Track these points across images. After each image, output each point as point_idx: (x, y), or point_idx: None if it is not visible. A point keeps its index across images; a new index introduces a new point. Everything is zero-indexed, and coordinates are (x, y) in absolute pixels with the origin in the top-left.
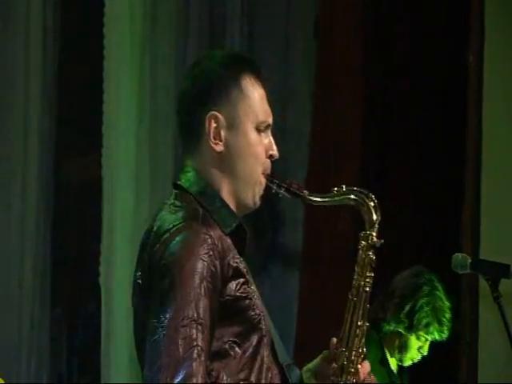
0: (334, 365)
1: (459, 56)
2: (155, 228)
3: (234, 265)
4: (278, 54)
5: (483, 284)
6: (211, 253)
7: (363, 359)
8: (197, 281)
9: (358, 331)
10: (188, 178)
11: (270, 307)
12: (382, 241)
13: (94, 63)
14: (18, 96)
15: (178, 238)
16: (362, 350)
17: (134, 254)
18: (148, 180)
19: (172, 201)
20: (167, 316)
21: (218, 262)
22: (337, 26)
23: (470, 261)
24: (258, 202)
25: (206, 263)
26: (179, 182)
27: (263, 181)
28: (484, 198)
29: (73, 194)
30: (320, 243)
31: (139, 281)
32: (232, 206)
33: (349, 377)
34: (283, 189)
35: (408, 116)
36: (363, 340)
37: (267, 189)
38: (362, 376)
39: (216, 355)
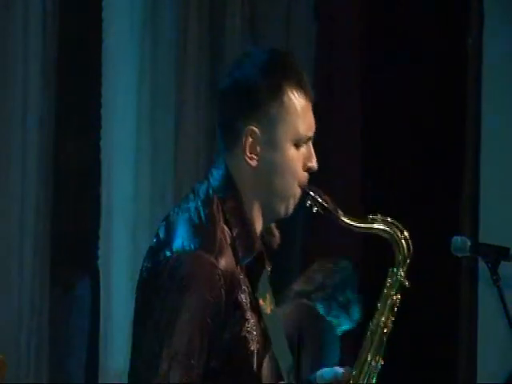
0: None
1: (458, 39)
2: (173, 230)
3: (239, 301)
4: (279, 36)
5: (482, 267)
6: (218, 290)
7: None
8: (197, 318)
9: (371, 368)
10: (219, 178)
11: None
12: (409, 284)
13: (92, 47)
14: (16, 79)
15: (188, 267)
16: None
17: (133, 239)
18: (148, 164)
19: (199, 204)
20: (162, 346)
21: (223, 300)
22: (337, 8)
23: (469, 244)
24: (290, 212)
25: (210, 301)
26: (210, 179)
27: (298, 193)
28: (483, 182)
29: (72, 178)
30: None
31: (145, 272)
32: (259, 216)
33: None
34: (318, 204)
35: (408, 100)
36: (375, 377)
37: (302, 200)
38: None
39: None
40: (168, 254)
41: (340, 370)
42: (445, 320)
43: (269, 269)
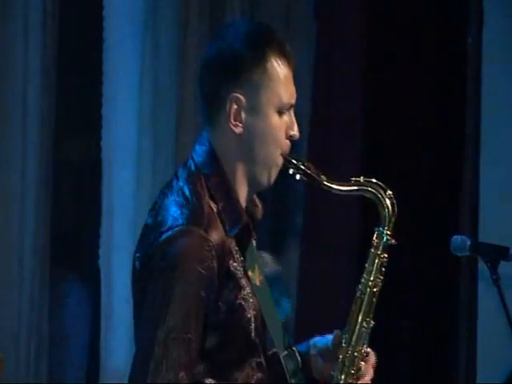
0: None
1: (458, 38)
2: (160, 215)
3: (232, 270)
4: (279, 32)
5: (482, 267)
6: (209, 262)
7: (366, 355)
8: (191, 292)
9: (362, 330)
10: (202, 154)
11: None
12: (395, 242)
13: (93, 46)
14: (16, 76)
15: (177, 244)
16: (365, 350)
17: (134, 238)
18: (149, 162)
19: (183, 184)
20: (157, 326)
21: (215, 272)
22: (337, 8)
23: (469, 243)
24: (273, 182)
25: (202, 273)
26: (194, 156)
27: (281, 162)
28: (483, 181)
29: (72, 176)
30: (321, 226)
31: (137, 262)
32: (244, 187)
33: (348, 378)
34: (301, 171)
35: (407, 100)
36: (367, 339)
37: (284, 169)
38: (364, 372)
39: (202, 359)
40: (157, 235)
41: (331, 336)
42: (444, 319)
43: (254, 241)
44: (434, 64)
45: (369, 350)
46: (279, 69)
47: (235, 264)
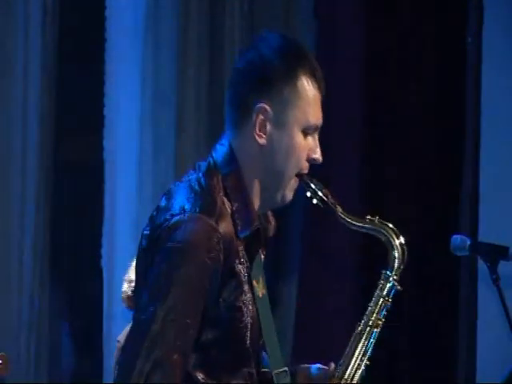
0: None
1: (458, 37)
2: (173, 198)
3: (236, 270)
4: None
5: (482, 266)
6: (216, 254)
7: None
8: (194, 278)
9: (356, 366)
10: (223, 154)
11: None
12: (401, 288)
13: (95, 45)
14: (17, 76)
15: (188, 228)
16: None
17: (137, 237)
18: (150, 162)
19: (200, 175)
20: (157, 304)
21: (220, 264)
22: (336, 7)
23: (469, 243)
24: (288, 201)
25: (208, 263)
26: (214, 154)
27: (295, 183)
28: (483, 181)
29: (74, 176)
30: (320, 230)
31: (144, 240)
32: (257, 198)
33: None
34: (318, 197)
35: (407, 99)
36: (360, 375)
37: (302, 191)
38: None
39: (194, 350)
40: (168, 216)
41: (316, 367)
42: (444, 319)
43: (263, 255)
44: (434, 63)
45: None
46: (309, 88)
47: (240, 266)
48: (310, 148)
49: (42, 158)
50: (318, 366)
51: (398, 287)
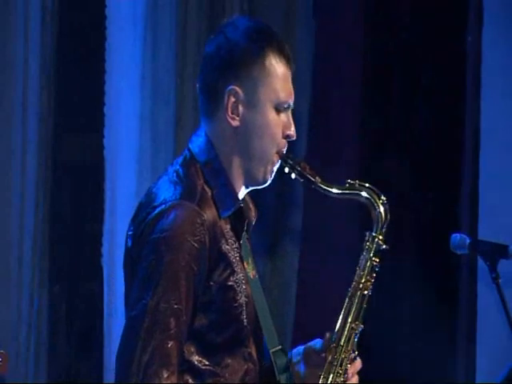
0: (325, 358)
1: (457, 37)
2: (153, 193)
3: (224, 251)
4: (279, 31)
5: (481, 264)
6: (201, 236)
7: (353, 359)
8: (182, 263)
9: (351, 331)
10: (199, 144)
11: (270, 288)
12: (387, 247)
13: (95, 43)
14: (17, 75)
15: (170, 216)
16: (353, 351)
17: None
18: (150, 161)
19: (178, 167)
20: (148, 296)
21: (207, 247)
22: (336, 6)
23: (468, 241)
24: (269, 180)
25: (194, 246)
26: (190, 146)
27: (276, 160)
28: (482, 179)
29: (74, 175)
30: (320, 225)
31: (129, 240)
32: (239, 181)
33: (336, 377)
34: (296, 171)
35: (407, 99)
36: (355, 340)
37: (280, 168)
38: (350, 375)
39: (191, 337)
40: (150, 210)
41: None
42: (444, 317)
43: (248, 242)
44: (434, 63)
45: (356, 354)
46: (277, 66)
47: (228, 247)
48: (283, 125)
49: (41, 157)
50: (315, 341)
51: (384, 246)
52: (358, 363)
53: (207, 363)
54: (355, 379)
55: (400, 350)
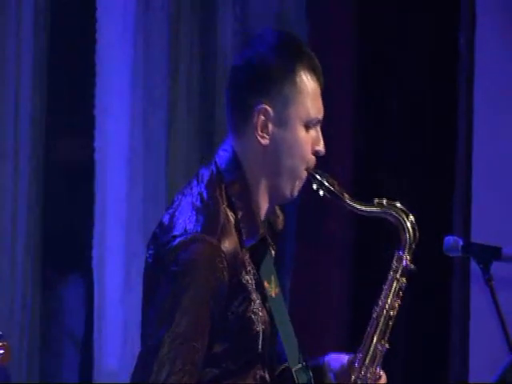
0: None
1: (450, 38)
2: (175, 216)
3: (243, 283)
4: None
5: (475, 267)
6: (220, 273)
7: (378, 379)
8: (200, 299)
9: (376, 351)
10: (226, 160)
11: None
12: (416, 267)
13: (86, 46)
14: (8, 76)
15: (190, 250)
16: (378, 372)
17: (128, 239)
18: (141, 164)
19: (203, 188)
20: (165, 328)
21: (226, 282)
22: (329, 8)
23: (461, 244)
24: (296, 195)
25: (213, 282)
26: (217, 160)
27: (305, 176)
28: (475, 181)
29: (65, 177)
30: (314, 225)
31: (150, 259)
32: (265, 198)
33: None
34: (324, 187)
35: (400, 100)
36: (380, 360)
37: (308, 183)
38: None
39: (207, 365)
40: (171, 238)
41: (345, 356)
42: (437, 320)
43: (273, 252)
44: (427, 64)
45: (382, 372)
46: (308, 83)
47: (247, 277)
48: (313, 141)
49: (33, 160)
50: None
51: (412, 266)
52: (383, 380)
53: None
54: None
55: (392, 351)
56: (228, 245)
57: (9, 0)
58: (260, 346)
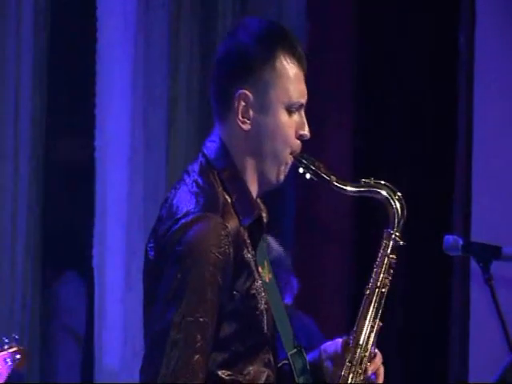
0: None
1: (450, 37)
2: (174, 205)
3: (246, 260)
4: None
5: (474, 266)
6: (226, 248)
7: (373, 358)
8: (208, 276)
9: (369, 330)
10: (214, 149)
11: None
12: (405, 243)
13: (86, 45)
14: (8, 76)
15: (195, 229)
16: (372, 351)
17: (128, 238)
18: (142, 162)
19: (196, 176)
20: (173, 310)
21: (231, 258)
22: (329, 8)
23: (461, 243)
24: (282, 180)
25: (219, 258)
26: (205, 151)
27: (290, 160)
28: (475, 180)
29: (66, 176)
30: (313, 217)
31: (151, 252)
32: (254, 184)
33: (356, 377)
34: (311, 171)
35: (400, 99)
36: (374, 339)
37: (294, 168)
38: (369, 372)
39: (215, 347)
40: (173, 222)
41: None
42: (437, 319)
43: (263, 239)
44: (427, 63)
45: (376, 350)
46: (288, 67)
47: (249, 255)
48: (297, 125)
49: (33, 159)
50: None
51: (401, 243)
52: (378, 359)
53: (230, 373)
54: (381, 377)
55: (392, 351)
56: (231, 222)
57: (9, 0)
58: (265, 326)
